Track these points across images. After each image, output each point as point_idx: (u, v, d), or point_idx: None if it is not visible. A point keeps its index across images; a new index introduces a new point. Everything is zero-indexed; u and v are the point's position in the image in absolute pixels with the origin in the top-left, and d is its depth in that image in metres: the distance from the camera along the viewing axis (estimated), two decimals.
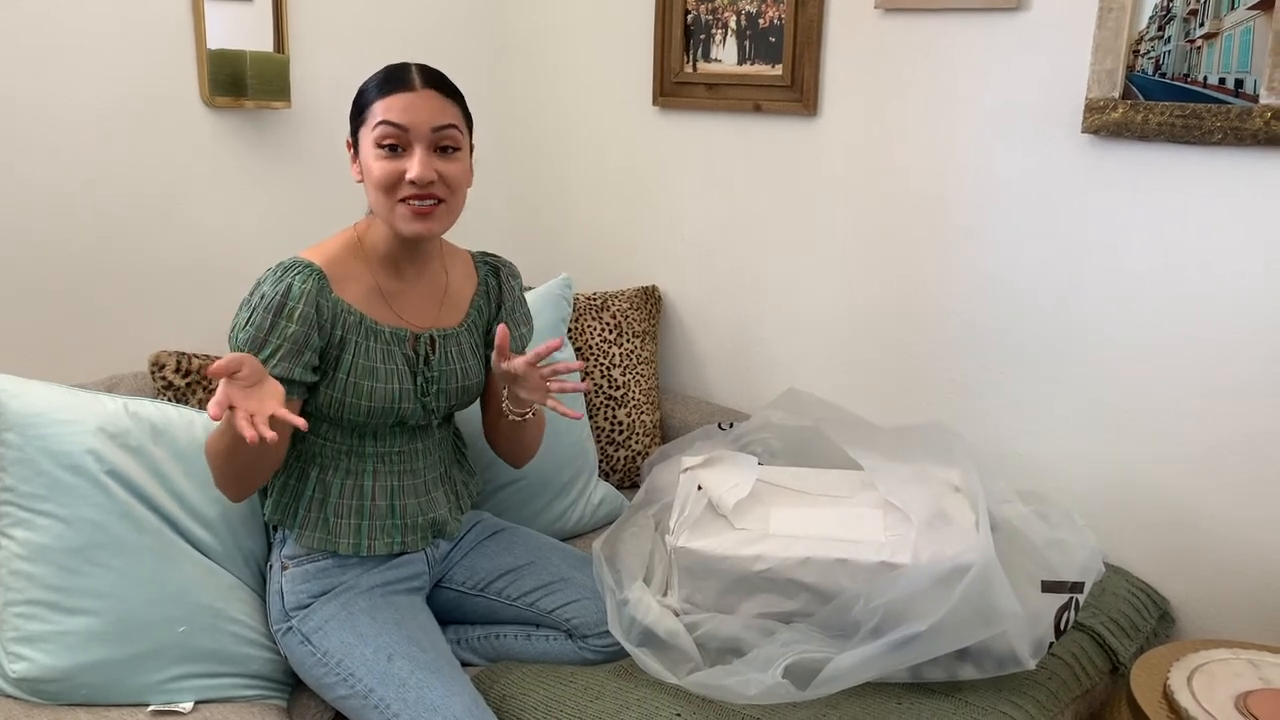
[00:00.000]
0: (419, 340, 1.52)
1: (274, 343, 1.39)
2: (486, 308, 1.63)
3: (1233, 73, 1.57)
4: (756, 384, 2.26)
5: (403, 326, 1.51)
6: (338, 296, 1.45)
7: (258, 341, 1.39)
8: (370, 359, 1.46)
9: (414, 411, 1.51)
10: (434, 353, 1.53)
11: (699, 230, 2.29)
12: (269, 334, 1.39)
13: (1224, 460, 1.68)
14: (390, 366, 1.48)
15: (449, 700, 1.37)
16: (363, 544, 1.50)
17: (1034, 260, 1.82)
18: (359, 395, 1.45)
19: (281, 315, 1.39)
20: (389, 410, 1.48)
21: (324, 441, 1.50)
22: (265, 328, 1.39)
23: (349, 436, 1.50)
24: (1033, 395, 1.87)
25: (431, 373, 1.52)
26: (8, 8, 1.75)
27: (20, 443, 1.44)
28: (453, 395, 1.55)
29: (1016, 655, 1.43)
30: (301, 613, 1.48)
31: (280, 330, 1.39)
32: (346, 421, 1.48)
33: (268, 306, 1.40)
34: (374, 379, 1.46)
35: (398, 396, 1.48)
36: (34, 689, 1.41)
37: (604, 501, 2.02)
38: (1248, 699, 1.36)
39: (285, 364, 1.39)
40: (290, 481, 1.51)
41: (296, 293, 1.40)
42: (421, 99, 1.42)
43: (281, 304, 1.40)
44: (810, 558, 1.48)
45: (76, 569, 1.42)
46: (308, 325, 1.41)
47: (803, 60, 2.03)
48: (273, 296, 1.40)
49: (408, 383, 1.49)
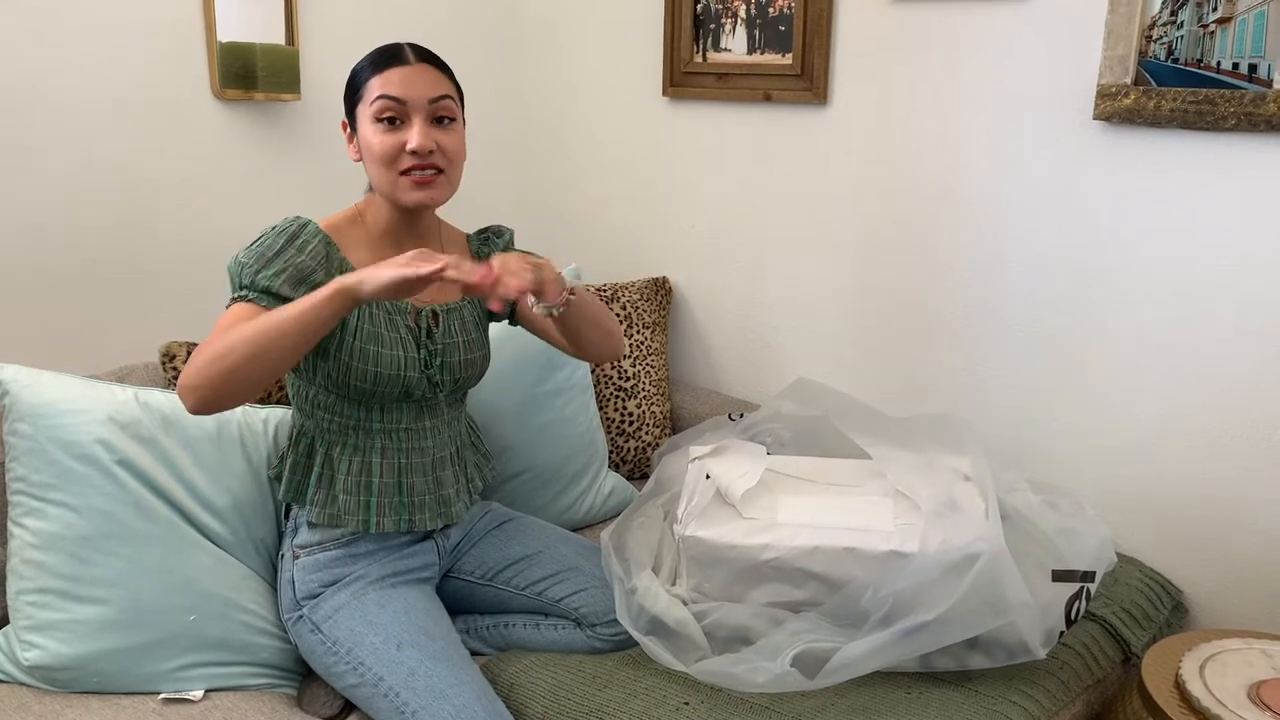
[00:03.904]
0: (420, 314, 1.53)
1: (280, 264, 1.39)
2: None
3: (1246, 58, 1.55)
4: (767, 374, 2.25)
5: (402, 300, 1.51)
6: (344, 256, 1.47)
7: (266, 258, 1.39)
8: (375, 325, 1.47)
9: (419, 383, 1.51)
10: (437, 326, 1.54)
11: (709, 221, 2.28)
12: (277, 256, 1.39)
13: (1238, 450, 1.67)
14: (394, 335, 1.49)
15: (458, 689, 1.37)
16: (370, 520, 1.50)
17: (1045, 248, 1.81)
18: (365, 360, 1.46)
19: (294, 244, 1.41)
20: (395, 378, 1.48)
21: (331, 417, 1.51)
22: (276, 250, 1.40)
23: (356, 410, 1.51)
24: (1044, 384, 1.86)
25: (435, 345, 1.53)
26: (20, 1, 1.76)
27: (32, 432, 1.45)
28: (457, 368, 1.56)
29: (1027, 644, 1.42)
30: (312, 601, 1.49)
31: (290, 257, 1.40)
32: (354, 391, 1.48)
33: (280, 233, 1.41)
34: (379, 344, 1.47)
35: (403, 364, 1.48)
36: (46, 677, 1.42)
37: (614, 492, 2.02)
38: (1260, 688, 1.35)
39: (288, 286, 1.38)
40: (300, 459, 1.52)
41: (312, 230, 1.43)
42: (417, 72, 1.45)
43: (295, 234, 1.42)
44: (819, 546, 1.47)
45: (88, 558, 1.43)
46: (316, 260, 1.41)
47: (813, 49, 2.02)
48: (286, 227, 1.42)
49: (412, 352, 1.50)
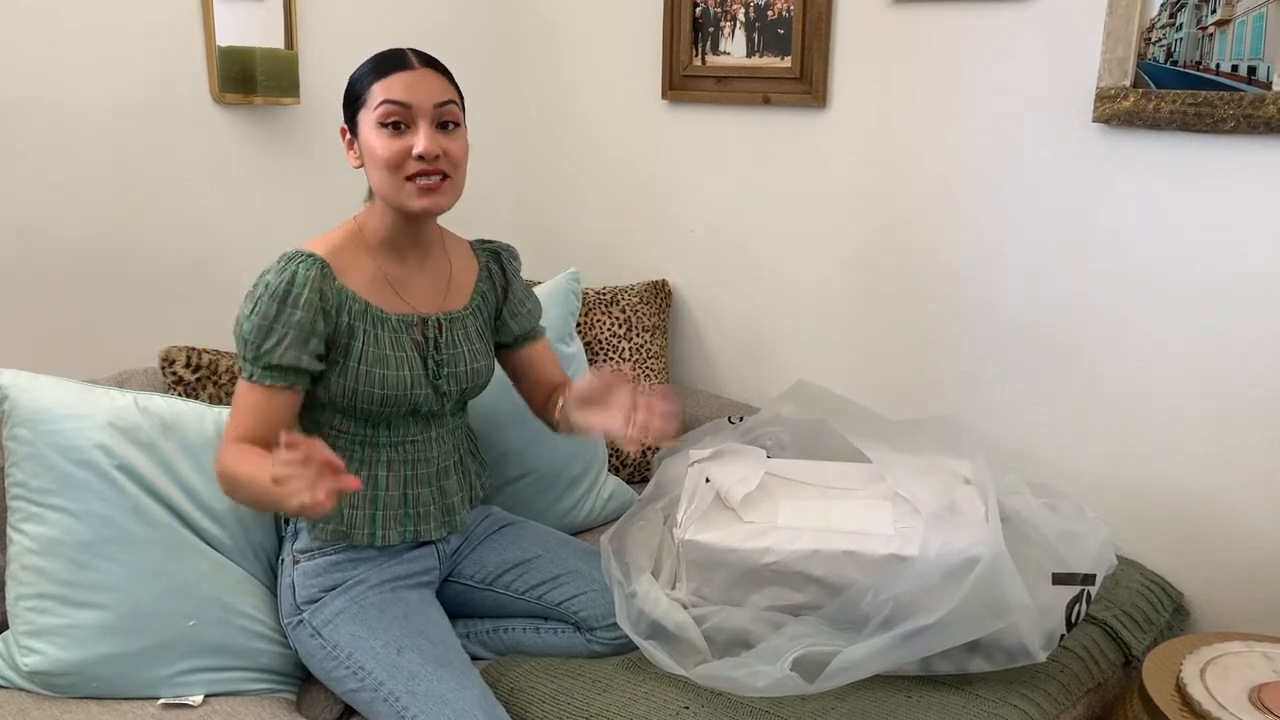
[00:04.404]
0: (426, 324, 1.53)
1: (279, 330, 1.40)
2: (492, 292, 1.64)
3: (1245, 60, 1.55)
4: (767, 377, 2.25)
5: (409, 312, 1.52)
6: (342, 284, 1.46)
7: (264, 329, 1.40)
8: (380, 347, 1.47)
9: (426, 398, 1.51)
10: (442, 336, 1.54)
11: (709, 224, 2.28)
12: (275, 321, 1.40)
13: (1239, 452, 1.66)
14: (400, 354, 1.49)
15: (459, 693, 1.37)
16: (377, 534, 1.51)
17: (1045, 252, 1.81)
18: (371, 384, 1.46)
19: (287, 303, 1.40)
20: (402, 398, 1.48)
21: (337, 433, 1.51)
22: (271, 315, 1.40)
23: (362, 427, 1.51)
24: (1044, 387, 1.85)
25: (441, 356, 1.53)
26: (18, 4, 1.76)
27: (31, 438, 1.45)
28: (463, 378, 1.56)
29: (1027, 648, 1.41)
30: (312, 606, 1.48)
31: (286, 318, 1.40)
32: (360, 411, 1.48)
33: (273, 295, 1.40)
34: (385, 367, 1.47)
35: (410, 384, 1.49)
36: (45, 682, 1.42)
37: (614, 496, 2.02)
38: (1261, 691, 1.35)
39: (293, 352, 1.40)
40: None
41: (301, 279, 1.41)
42: (421, 77, 1.45)
43: (287, 291, 1.40)
44: (819, 550, 1.47)
45: (87, 563, 1.43)
46: (313, 312, 1.41)
47: (812, 52, 2.02)
48: (277, 285, 1.41)
49: (419, 369, 1.50)
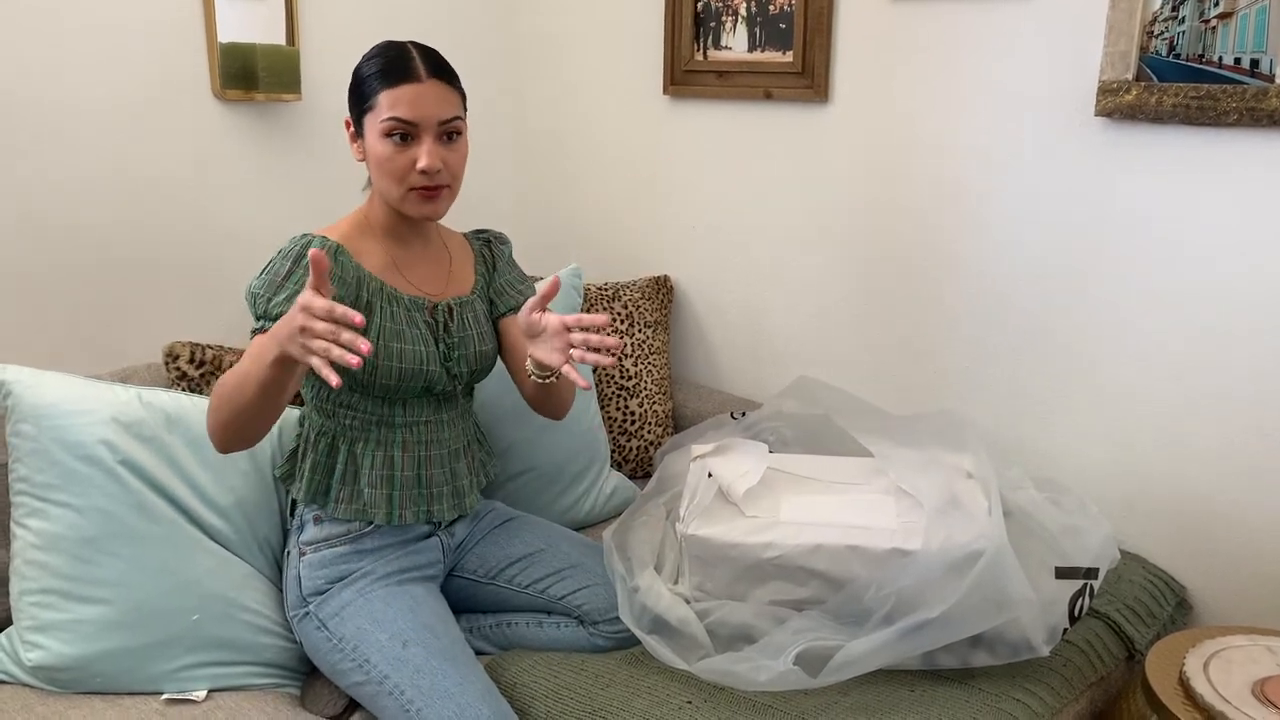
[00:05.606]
0: (437, 309, 1.56)
1: (290, 287, 1.40)
2: (487, 275, 1.68)
3: (1248, 53, 1.55)
4: (769, 372, 2.25)
5: (420, 295, 1.55)
6: (359, 264, 1.49)
7: (275, 285, 1.40)
8: (397, 323, 1.50)
9: (439, 377, 1.54)
10: (453, 320, 1.57)
11: (710, 219, 2.28)
12: (286, 279, 1.40)
13: (1241, 447, 1.66)
14: (415, 331, 1.51)
15: (463, 687, 1.37)
16: (394, 514, 1.53)
17: (1047, 246, 1.81)
18: (390, 357, 1.48)
19: (300, 263, 1.41)
20: (418, 373, 1.51)
21: (354, 414, 1.52)
22: (283, 274, 1.41)
23: (379, 406, 1.53)
24: (1047, 381, 1.85)
25: (452, 339, 1.56)
26: (18, 4, 1.76)
27: (35, 433, 1.45)
28: (473, 360, 1.59)
29: (1030, 642, 1.41)
30: (318, 598, 1.49)
31: (299, 277, 1.41)
32: (378, 387, 1.50)
33: (286, 255, 1.43)
34: (402, 341, 1.49)
35: (425, 359, 1.51)
36: (49, 677, 1.42)
37: (616, 492, 2.02)
38: (1264, 685, 1.35)
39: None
40: (320, 459, 1.53)
41: (318, 244, 1.43)
42: (428, 90, 1.45)
43: (301, 254, 1.42)
44: (821, 545, 1.47)
45: (90, 558, 1.43)
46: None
47: (814, 47, 2.02)
48: (291, 249, 1.43)
49: (432, 346, 1.53)
